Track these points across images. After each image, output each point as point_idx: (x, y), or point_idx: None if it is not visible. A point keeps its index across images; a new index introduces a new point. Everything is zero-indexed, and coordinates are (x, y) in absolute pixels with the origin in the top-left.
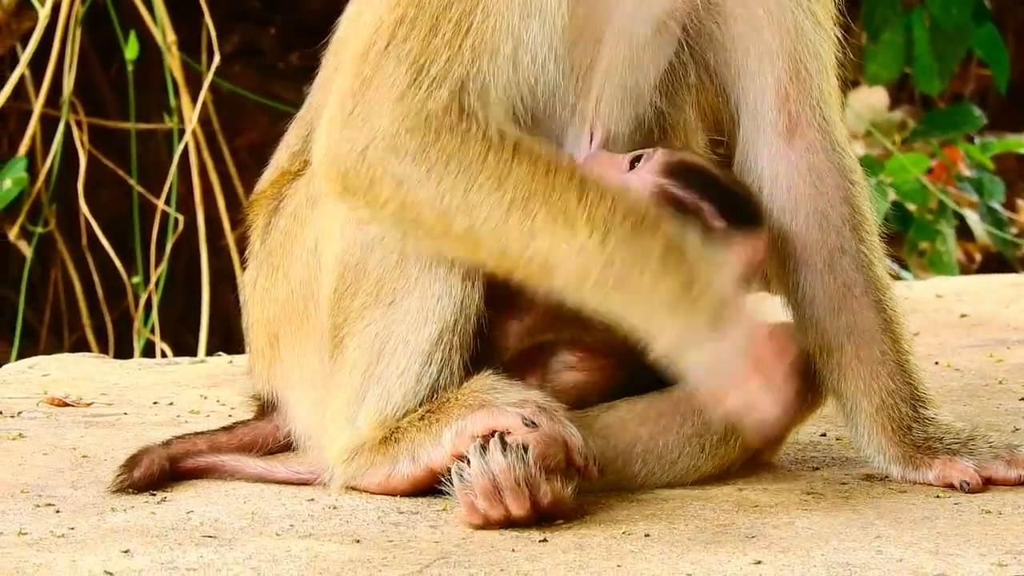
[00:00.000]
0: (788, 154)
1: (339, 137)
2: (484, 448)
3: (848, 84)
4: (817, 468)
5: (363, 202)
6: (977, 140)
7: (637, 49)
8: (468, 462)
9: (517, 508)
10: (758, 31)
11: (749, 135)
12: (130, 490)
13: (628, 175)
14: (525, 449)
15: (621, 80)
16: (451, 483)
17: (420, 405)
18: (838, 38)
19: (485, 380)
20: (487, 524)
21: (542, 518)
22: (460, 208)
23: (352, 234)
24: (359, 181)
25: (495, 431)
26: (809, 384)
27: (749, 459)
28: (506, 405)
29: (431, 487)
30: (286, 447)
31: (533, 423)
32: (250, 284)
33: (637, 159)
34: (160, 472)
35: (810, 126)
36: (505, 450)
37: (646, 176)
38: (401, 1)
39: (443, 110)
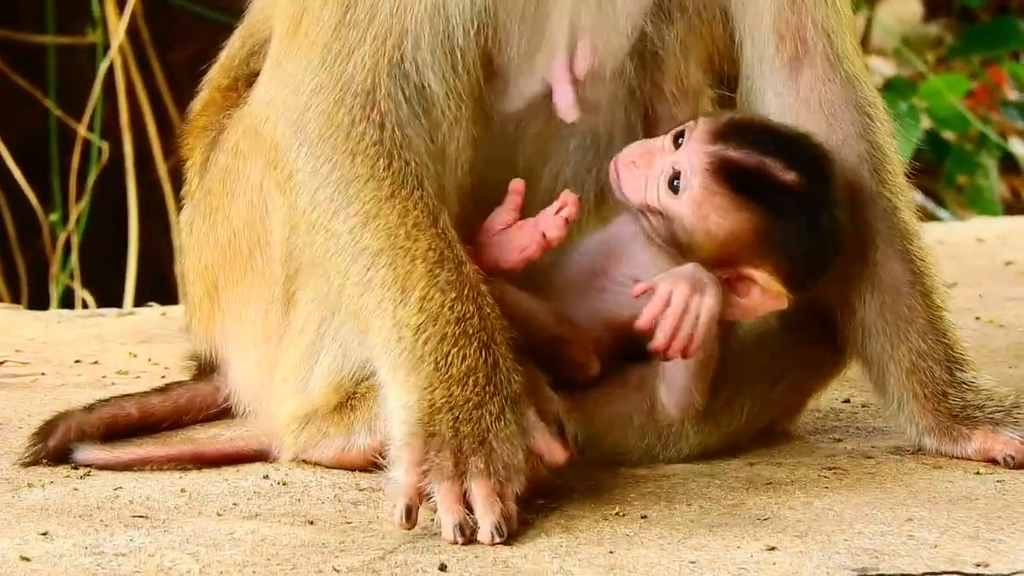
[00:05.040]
0: (795, 86)
1: (265, 96)
2: None
3: None
4: (839, 440)
5: (271, 173)
6: None
7: None
8: None
9: None
10: None
11: (752, 65)
12: (44, 462)
13: (676, 155)
14: None
15: (600, 3)
16: None
17: None
18: None
19: None
20: None
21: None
22: (323, 229)
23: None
24: (269, 157)
25: None
26: (830, 346)
27: (762, 429)
28: None
29: None
30: (227, 412)
31: None
32: (186, 227)
33: (680, 135)
34: (79, 440)
35: (817, 56)
36: None
37: (696, 148)
38: None
39: (358, 89)
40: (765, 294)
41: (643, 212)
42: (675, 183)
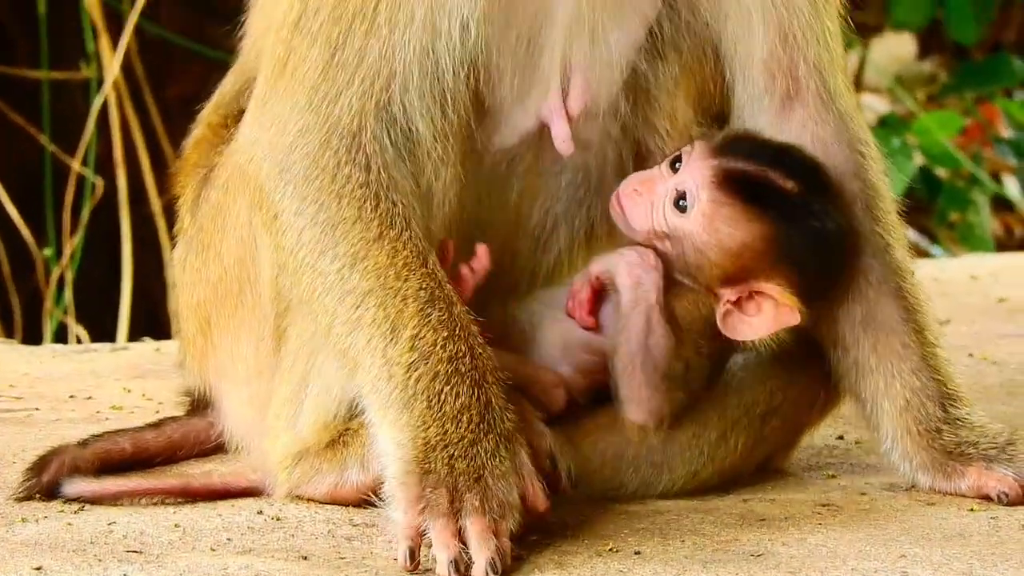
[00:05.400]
0: (787, 124)
1: (250, 136)
2: None
3: (870, 31)
4: (833, 476)
5: (256, 213)
6: (1018, 96)
7: (608, 7)
8: None
9: None
10: None
11: (743, 103)
12: (38, 496)
13: (678, 176)
14: None
15: (593, 42)
16: None
17: None
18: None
19: None
20: None
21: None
22: (309, 269)
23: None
24: (253, 197)
25: None
26: (823, 382)
27: (756, 465)
28: None
29: None
30: (221, 447)
31: None
32: (179, 264)
33: (676, 160)
34: (72, 475)
35: (809, 94)
36: None
37: (699, 164)
38: None
39: (344, 131)
40: (778, 309)
41: (650, 240)
42: (681, 203)
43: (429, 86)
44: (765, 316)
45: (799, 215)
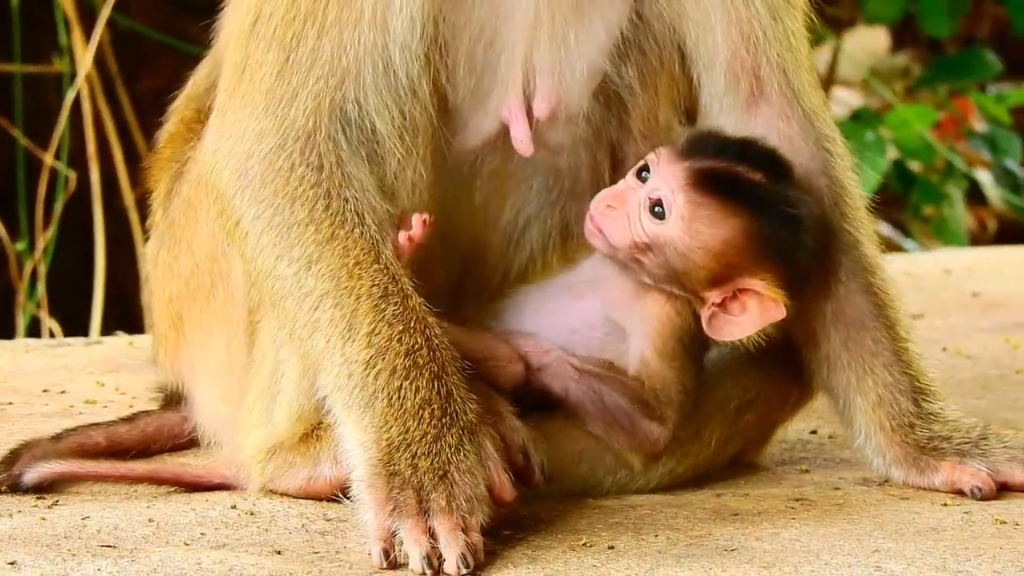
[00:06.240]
0: (753, 123)
1: (211, 146)
2: None
3: (844, 25)
4: (807, 471)
5: (219, 221)
6: (991, 90)
7: (567, 10)
8: None
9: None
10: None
11: (709, 104)
12: (6, 490)
13: (649, 184)
14: None
15: (554, 44)
16: None
17: None
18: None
19: None
20: None
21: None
22: (269, 275)
23: None
24: (217, 206)
25: None
26: (796, 378)
27: (730, 459)
28: None
29: None
30: (195, 442)
31: None
32: (152, 258)
33: (643, 168)
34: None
35: (773, 94)
36: None
37: (669, 169)
38: None
39: (300, 132)
40: (763, 304)
41: (632, 255)
42: (657, 209)
43: (384, 84)
44: (750, 313)
45: (773, 204)
